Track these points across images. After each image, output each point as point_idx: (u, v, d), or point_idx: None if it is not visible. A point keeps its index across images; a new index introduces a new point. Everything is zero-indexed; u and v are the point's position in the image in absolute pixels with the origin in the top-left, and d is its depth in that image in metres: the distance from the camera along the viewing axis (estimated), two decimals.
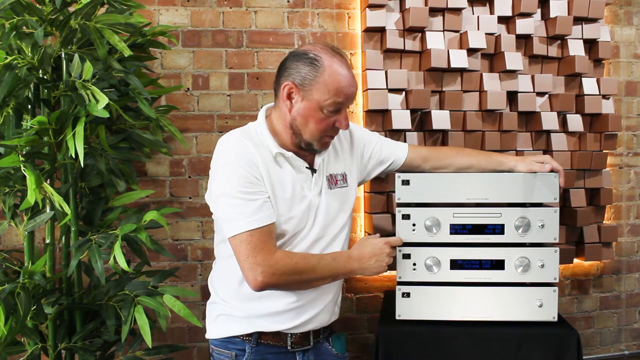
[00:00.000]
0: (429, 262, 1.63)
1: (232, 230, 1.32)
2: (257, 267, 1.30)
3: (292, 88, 1.35)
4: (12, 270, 1.73)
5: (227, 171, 1.34)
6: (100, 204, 1.80)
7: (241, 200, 1.31)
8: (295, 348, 1.43)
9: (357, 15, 2.24)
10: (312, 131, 1.37)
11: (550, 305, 1.63)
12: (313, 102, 1.34)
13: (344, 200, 1.50)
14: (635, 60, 2.47)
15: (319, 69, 1.33)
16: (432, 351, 1.63)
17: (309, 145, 1.39)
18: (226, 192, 1.33)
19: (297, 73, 1.34)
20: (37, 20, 1.57)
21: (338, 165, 1.51)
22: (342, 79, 1.33)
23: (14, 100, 1.59)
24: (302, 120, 1.36)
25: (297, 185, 1.40)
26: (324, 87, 1.32)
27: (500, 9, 2.24)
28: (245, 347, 1.41)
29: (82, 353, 1.66)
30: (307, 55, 1.34)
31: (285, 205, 1.37)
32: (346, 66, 1.35)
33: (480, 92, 2.22)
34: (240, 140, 1.37)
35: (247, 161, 1.34)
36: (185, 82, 2.15)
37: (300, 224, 1.40)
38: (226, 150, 1.37)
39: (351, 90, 1.36)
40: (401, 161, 1.66)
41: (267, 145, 1.39)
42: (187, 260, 2.18)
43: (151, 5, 2.11)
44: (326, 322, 1.50)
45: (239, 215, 1.31)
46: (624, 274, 2.50)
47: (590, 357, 2.47)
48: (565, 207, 2.29)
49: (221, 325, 1.45)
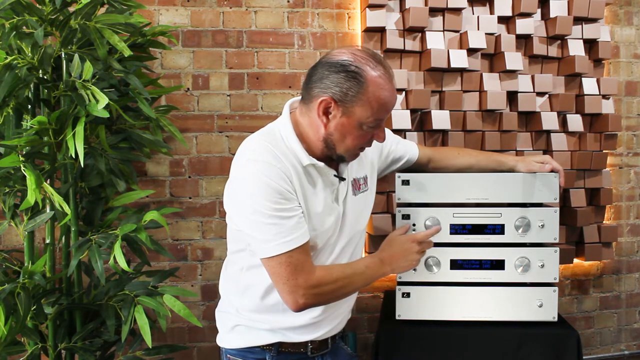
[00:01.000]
0: (429, 262, 1.63)
1: (269, 252, 1.21)
2: (299, 290, 1.21)
3: (329, 103, 1.21)
4: (12, 270, 1.73)
5: (258, 185, 1.20)
6: (100, 204, 1.80)
7: (277, 219, 1.19)
8: (315, 353, 1.41)
9: (357, 15, 2.24)
10: (348, 146, 1.26)
11: (550, 305, 1.63)
12: (353, 120, 1.22)
13: (366, 204, 1.44)
14: (635, 60, 2.47)
15: (363, 85, 1.19)
16: (432, 351, 1.63)
17: (340, 158, 1.30)
18: (258, 210, 1.19)
19: (337, 87, 1.19)
20: (37, 20, 1.57)
21: (361, 169, 1.43)
22: (386, 95, 1.21)
23: (14, 100, 1.59)
24: (339, 137, 1.24)
25: (327, 198, 1.31)
26: (367, 104, 1.20)
27: (500, 9, 2.24)
28: (266, 356, 1.37)
29: (82, 353, 1.66)
30: (348, 68, 1.19)
31: (318, 220, 1.28)
32: (389, 78, 1.23)
33: (480, 92, 2.22)
34: (269, 149, 1.23)
35: (278, 173, 1.20)
36: (185, 82, 2.15)
37: (329, 235, 1.33)
38: (254, 160, 1.22)
39: (393, 104, 1.25)
40: (413, 160, 1.63)
41: (295, 154, 1.26)
42: (187, 260, 2.18)
43: (151, 5, 2.11)
44: (343, 325, 1.48)
45: (276, 236, 1.19)
46: (624, 274, 2.50)
47: (590, 357, 2.47)
48: (565, 207, 2.29)
49: (239, 335, 1.39)
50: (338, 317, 1.42)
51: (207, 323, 2.19)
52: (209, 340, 2.21)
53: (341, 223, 1.34)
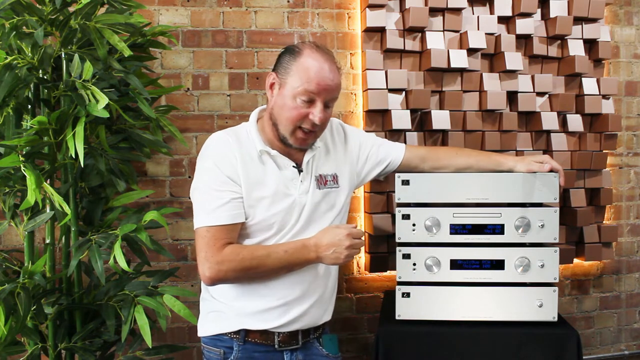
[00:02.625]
0: (429, 262, 1.63)
1: (195, 223, 1.38)
2: (205, 263, 1.34)
3: (274, 78, 1.40)
4: (12, 270, 1.73)
5: (204, 167, 1.39)
6: (100, 204, 1.80)
7: (207, 196, 1.36)
8: (283, 347, 1.44)
9: (357, 15, 2.24)
10: (285, 121, 1.38)
11: (550, 305, 1.63)
12: (287, 89, 1.36)
13: (332, 201, 1.49)
14: (635, 60, 2.47)
15: (296, 56, 1.36)
16: (432, 351, 1.63)
17: (284, 139, 1.40)
18: (198, 187, 1.39)
19: (279, 64, 1.40)
20: (37, 20, 1.57)
21: (329, 166, 1.51)
22: (315, 67, 1.34)
23: (14, 100, 1.59)
24: (278, 110, 1.39)
25: (280, 184, 1.41)
26: (296, 73, 1.35)
27: (500, 9, 2.24)
28: (233, 345, 1.43)
29: (82, 353, 1.66)
30: (292, 48, 1.40)
31: (265, 203, 1.39)
32: (325, 59, 1.37)
33: (480, 92, 2.22)
34: (223, 139, 1.41)
35: (224, 160, 1.37)
36: (185, 82, 2.15)
37: (284, 221, 1.41)
38: (208, 147, 1.42)
39: (325, 82, 1.35)
40: (398, 162, 1.64)
41: (253, 142, 1.42)
42: (187, 260, 2.18)
43: (151, 5, 2.11)
44: (316, 321, 1.49)
45: (202, 211, 1.36)
46: (624, 274, 2.50)
47: (590, 357, 2.47)
48: (565, 207, 2.29)
49: (211, 322, 1.47)
50: (303, 304, 1.43)
51: None
52: None
53: (300, 212, 1.43)
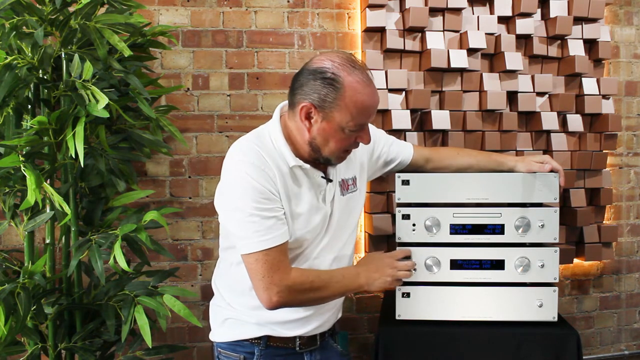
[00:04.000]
0: (429, 262, 1.63)
1: (247, 248, 1.27)
2: (274, 287, 1.26)
3: (310, 109, 1.26)
4: (12, 270, 1.73)
5: (241, 184, 1.26)
6: (100, 204, 1.80)
7: (257, 218, 1.25)
8: (304, 349, 1.43)
9: (357, 15, 2.24)
10: (332, 149, 1.30)
11: (550, 305, 1.63)
12: (334, 124, 1.26)
13: (354, 204, 1.47)
14: (635, 60, 2.47)
15: (339, 90, 1.23)
16: (432, 351, 1.63)
17: (327, 161, 1.34)
18: (240, 207, 1.26)
19: (316, 94, 1.24)
20: (37, 20, 1.57)
21: (349, 170, 1.47)
22: (364, 99, 1.24)
23: (14, 100, 1.59)
24: (322, 140, 1.29)
25: (313, 198, 1.35)
26: (345, 109, 1.24)
27: (500, 9, 2.24)
28: (254, 350, 1.40)
29: (82, 353, 1.66)
30: (325, 75, 1.23)
31: (303, 219, 1.33)
32: (367, 82, 1.26)
33: (480, 92, 2.22)
34: (255, 150, 1.29)
35: (263, 174, 1.26)
36: (185, 82, 2.15)
37: (315, 234, 1.37)
38: (241, 161, 1.28)
39: (374, 108, 1.29)
40: (407, 162, 1.64)
41: (283, 156, 1.31)
42: (187, 260, 2.18)
43: (151, 5, 2.11)
44: (332, 322, 1.51)
45: (255, 234, 1.25)
46: (624, 274, 2.50)
47: (590, 357, 2.47)
48: (565, 207, 2.29)
49: (229, 329, 1.44)
50: (325, 314, 1.45)
51: (207, 323, 2.17)
52: (209, 340, 2.19)
53: (328, 222, 1.39)
